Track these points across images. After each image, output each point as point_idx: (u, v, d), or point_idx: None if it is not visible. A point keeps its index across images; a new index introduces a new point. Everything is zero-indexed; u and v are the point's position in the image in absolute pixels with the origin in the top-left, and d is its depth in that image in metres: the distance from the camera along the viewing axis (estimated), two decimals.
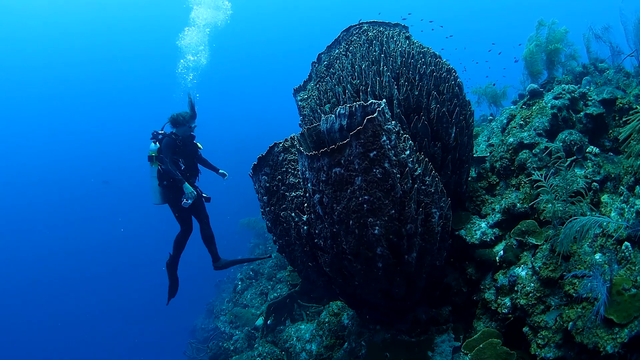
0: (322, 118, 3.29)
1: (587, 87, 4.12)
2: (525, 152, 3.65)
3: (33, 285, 24.37)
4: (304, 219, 3.31)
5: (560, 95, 3.87)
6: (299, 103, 4.66)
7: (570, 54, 5.29)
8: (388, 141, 2.74)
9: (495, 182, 3.91)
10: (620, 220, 2.73)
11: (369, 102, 2.98)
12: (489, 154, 4.25)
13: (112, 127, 38.82)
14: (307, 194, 3.13)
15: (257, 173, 3.68)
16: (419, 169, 2.95)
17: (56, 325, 20.80)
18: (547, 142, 3.62)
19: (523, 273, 2.86)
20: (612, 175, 3.00)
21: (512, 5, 42.05)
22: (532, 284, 2.74)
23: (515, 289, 2.83)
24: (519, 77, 5.56)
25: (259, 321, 6.25)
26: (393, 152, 2.78)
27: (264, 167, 3.64)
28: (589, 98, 3.82)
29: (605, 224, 2.46)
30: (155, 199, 5.11)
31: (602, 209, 2.86)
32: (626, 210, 2.62)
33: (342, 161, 2.74)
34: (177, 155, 5.18)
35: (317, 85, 4.48)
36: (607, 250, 2.49)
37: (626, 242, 2.46)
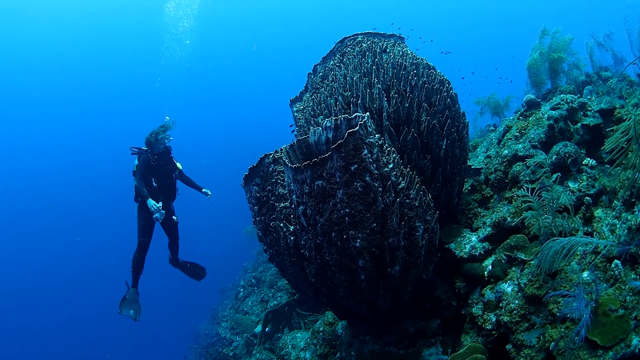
0: (311, 130, 3.34)
1: (588, 97, 4.04)
2: (518, 165, 3.60)
3: (34, 287, 24.82)
4: (291, 229, 3.34)
5: (558, 105, 3.81)
6: (295, 114, 4.71)
7: (573, 62, 5.21)
8: (370, 155, 2.75)
9: (489, 195, 3.87)
10: (611, 237, 2.66)
11: (354, 115, 3.00)
12: (482, 167, 4.21)
13: (101, 130, 39.01)
14: (293, 205, 3.17)
15: (248, 183, 3.73)
16: (402, 182, 2.95)
17: (59, 327, 21.19)
18: (542, 154, 3.56)
19: (509, 289, 2.82)
20: (608, 189, 2.93)
21: (517, 14, 41.51)
22: (517, 301, 2.69)
23: (500, 305, 2.79)
24: (523, 87, 5.49)
25: (258, 328, 6.29)
26: (375, 165, 2.79)
27: (254, 178, 3.69)
28: (589, 108, 3.75)
29: (587, 244, 2.40)
30: (135, 209, 5.39)
31: (595, 224, 2.80)
32: (618, 226, 2.56)
33: (324, 174, 2.77)
34: (151, 174, 5.42)
35: (313, 97, 4.53)
36: (595, 268, 2.43)
37: (616, 260, 2.40)
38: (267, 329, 6.00)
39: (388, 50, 4.13)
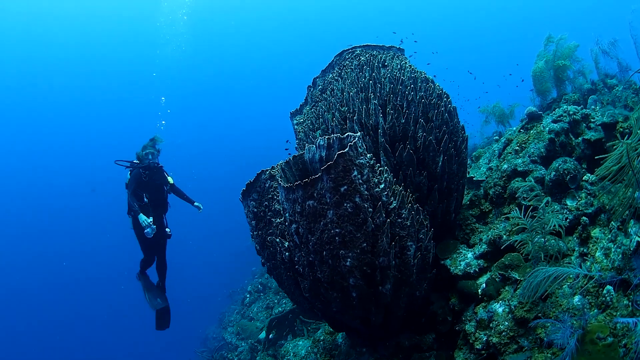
0: (306, 147, 3.39)
1: (592, 107, 3.98)
2: (517, 181, 3.58)
3: (39, 290, 25.22)
4: (286, 245, 3.41)
5: (560, 118, 3.76)
6: (295, 127, 4.77)
7: (579, 69, 5.13)
8: (360, 176, 2.79)
9: (488, 210, 3.86)
10: (605, 261, 2.63)
11: (346, 134, 3.05)
12: (484, 179, 4.19)
13: (100, 133, 39.16)
14: (286, 223, 3.23)
15: (245, 198, 3.81)
16: (394, 202, 2.98)
17: (66, 330, 21.64)
18: (541, 169, 3.53)
19: (500, 310, 2.82)
20: (607, 207, 2.90)
21: (521, 19, 40.69)
22: (507, 323, 2.70)
23: (491, 325, 2.80)
24: (529, 95, 5.43)
25: (262, 335, 6.39)
26: (365, 186, 2.83)
27: (252, 193, 3.76)
28: (592, 120, 3.69)
29: (573, 275, 2.39)
30: (129, 223, 5.52)
31: (591, 245, 2.77)
32: (612, 250, 2.53)
33: (315, 194, 2.83)
34: (142, 189, 5.52)
35: (312, 110, 4.58)
36: (587, 293, 2.42)
37: (608, 286, 2.38)
38: (270, 336, 6.10)
39: (387, 63, 4.15)
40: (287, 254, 3.43)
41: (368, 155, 3.00)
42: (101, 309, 22.06)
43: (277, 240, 3.57)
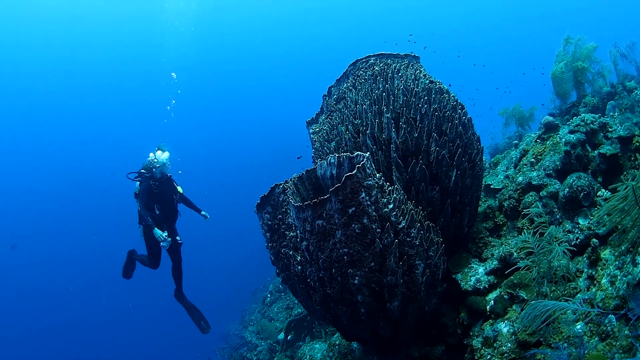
0: (318, 164, 3.50)
1: (611, 114, 3.87)
2: (531, 195, 3.56)
3: (65, 288, 25.98)
4: (298, 259, 3.54)
5: (577, 128, 3.69)
6: (311, 136, 4.86)
7: (598, 71, 4.99)
8: (368, 197, 2.87)
9: (502, 223, 3.85)
10: (610, 289, 2.60)
11: (355, 154, 3.13)
12: (501, 188, 4.17)
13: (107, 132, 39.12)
14: (298, 239, 3.35)
15: (260, 211, 3.96)
16: (403, 221, 3.05)
17: (85, 327, 22.57)
18: (556, 183, 3.49)
19: (505, 330, 2.86)
20: (619, 227, 2.86)
21: (539, 18, 38.92)
22: (509, 344, 2.74)
23: (495, 345, 2.85)
24: (549, 96, 5.33)
25: (281, 335, 6.61)
26: (373, 207, 2.91)
27: (266, 206, 3.90)
28: (609, 129, 3.60)
29: (566, 309, 2.38)
30: (139, 231, 5.75)
31: (599, 269, 2.75)
32: (619, 278, 2.51)
33: (324, 214, 2.93)
34: (153, 200, 5.67)
35: (327, 119, 4.66)
36: (589, 321, 2.43)
37: (610, 316, 2.38)
38: (289, 337, 6.30)
39: (401, 73, 4.16)
40: (299, 267, 3.56)
41: (377, 175, 3.07)
42: (117, 306, 22.85)
43: (291, 253, 3.70)
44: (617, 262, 2.60)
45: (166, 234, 5.38)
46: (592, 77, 5.01)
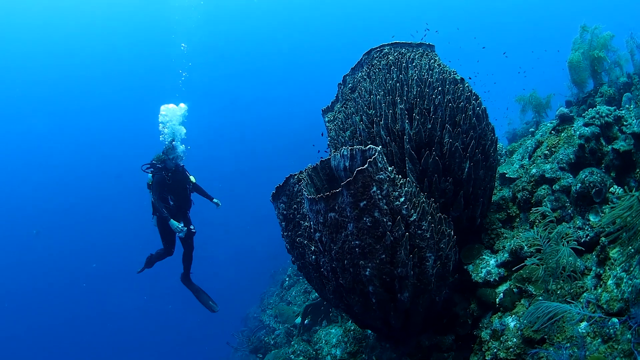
0: (332, 155, 3.58)
1: (627, 106, 3.78)
2: (544, 188, 3.55)
3: (79, 284, 26.55)
4: (312, 248, 3.66)
5: (592, 121, 3.63)
6: (327, 124, 4.93)
7: (615, 60, 4.86)
8: (379, 191, 2.95)
9: (515, 214, 3.87)
10: (615, 291, 2.60)
11: (367, 147, 3.20)
12: (516, 177, 4.17)
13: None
14: (311, 230, 3.47)
15: (275, 200, 4.09)
16: (414, 214, 3.12)
17: (112, 308, 23.38)
18: (569, 177, 3.47)
19: (512, 324, 2.93)
20: (629, 225, 2.85)
21: (556, 7, 37.25)
22: (515, 339, 2.81)
23: (501, 339, 2.92)
24: (567, 83, 5.25)
25: (298, 320, 6.84)
26: (385, 201, 2.98)
27: (281, 196, 4.03)
28: (625, 123, 3.53)
29: (569, 312, 2.40)
30: (154, 221, 5.95)
31: (607, 269, 2.76)
32: (624, 280, 2.52)
33: (336, 207, 3.03)
34: (167, 191, 5.80)
35: (342, 108, 4.70)
36: (593, 322, 2.47)
37: (614, 319, 2.42)
38: (305, 322, 6.52)
39: (415, 62, 4.15)
40: (313, 257, 3.69)
41: (389, 168, 3.13)
42: (137, 298, 23.45)
43: (305, 242, 3.84)
44: (623, 264, 2.61)
45: (182, 224, 5.57)
46: (609, 66, 4.91)
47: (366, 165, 2.90)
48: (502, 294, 3.22)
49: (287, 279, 9.22)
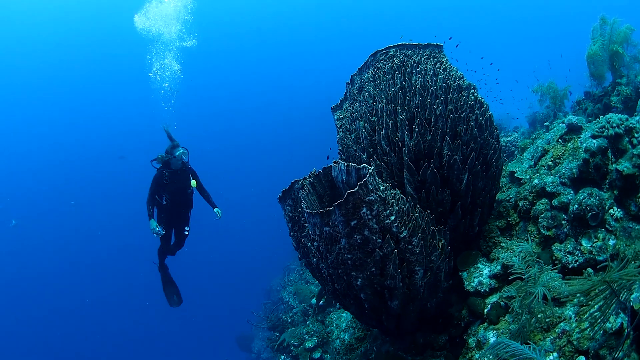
0: (332, 166, 3.84)
1: None
2: (542, 203, 3.65)
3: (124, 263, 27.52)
4: (313, 251, 4.01)
5: (601, 131, 3.61)
6: (336, 122, 5.13)
7: (634, 55, 4.67)
8: (369, 212, 3.21)
9: (515, 222, 4.00)
10: (587, 330, 2.73)
11: (361, 166, 3.43)
12: (522, 179, 4.28)
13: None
14: (310, 238, 3.80)
15: (282, 202, 4.43)
16: (405, 231, 3.37)
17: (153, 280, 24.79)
18: (569, 193, 3.55)
19: (492, 340, 3.18)
20: (621, 255, 2.97)
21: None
22: (491, 356, 3.07)
23: (481, 352, 3.20)
24: (585, 72, 5.16)
25: (314, 300, 7.37)
26: (375, 220, 3.25)
27: (287, 199, 4.36)
28: (636, 135, 3.50)
29: (548, 339, 2.57)
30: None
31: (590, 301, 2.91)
32: (599, 322, 2.67)
33: (330, 223, 3.34)
34: (163, 191, 6.03)
35: (350, 108, 4.87)
36: (563, 356, 2.68)
37: (581, 356, 2.61)
38: (320, 303, 7.03)
39: (420, 67, 4.21)
40: (314, 259, 4.05)
41: (381, 187, 3.36)
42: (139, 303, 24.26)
43: (309, 244, 4.19)
44: (601, 302, 2.75)
45: (160, 228, 5.81)
46: (629, 60, 4.74)
47: (356, 188, 3.14)
48: (489, 306, 3.46)
49: None
